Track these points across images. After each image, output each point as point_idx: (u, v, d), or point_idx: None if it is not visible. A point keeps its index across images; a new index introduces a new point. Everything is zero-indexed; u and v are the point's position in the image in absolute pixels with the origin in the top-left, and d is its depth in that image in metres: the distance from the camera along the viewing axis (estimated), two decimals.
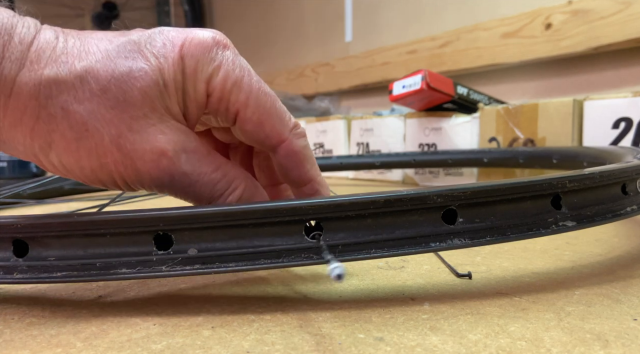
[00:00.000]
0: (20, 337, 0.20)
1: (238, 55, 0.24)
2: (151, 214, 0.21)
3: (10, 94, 0.21)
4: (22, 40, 0.21)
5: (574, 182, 0.23)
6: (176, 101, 0.23)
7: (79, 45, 0.22)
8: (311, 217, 0.21)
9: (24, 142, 0.22)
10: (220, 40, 0.24)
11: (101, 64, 0.21)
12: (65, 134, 0.21)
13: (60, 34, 0.22)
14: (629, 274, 0.27)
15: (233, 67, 0.23)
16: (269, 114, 0.24)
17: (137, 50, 0.22)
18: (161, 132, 0.22)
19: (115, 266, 0.21)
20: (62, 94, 0.21)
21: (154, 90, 0.22)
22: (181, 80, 0.23)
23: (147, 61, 0.22)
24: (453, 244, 0.22)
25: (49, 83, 0.21)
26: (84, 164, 0.22)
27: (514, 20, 0.94)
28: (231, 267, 0.21)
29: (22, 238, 0.22)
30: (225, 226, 0.21)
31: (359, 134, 0.94)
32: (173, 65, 0.22)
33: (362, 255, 0.21)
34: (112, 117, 0.21)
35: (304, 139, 0.26)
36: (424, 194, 0.21)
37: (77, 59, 0.21)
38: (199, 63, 0.23)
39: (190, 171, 0.23)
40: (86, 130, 0.21)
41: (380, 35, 1.29)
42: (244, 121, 0.24)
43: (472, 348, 0.18)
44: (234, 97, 0.24)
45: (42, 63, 0.21)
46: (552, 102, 0.63)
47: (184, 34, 0.23)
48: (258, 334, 0.20)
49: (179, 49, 0.23)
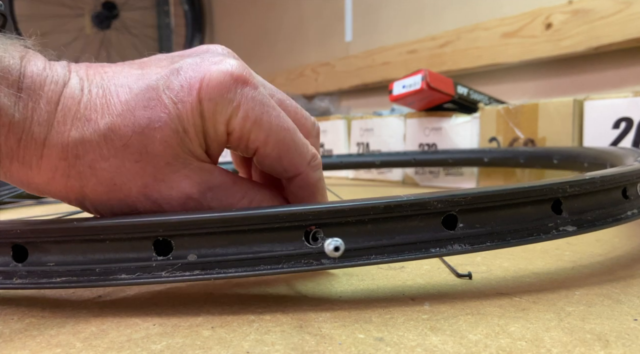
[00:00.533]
0: (20, 337, 0.20)
1: (257, 88, 0.23)
2: (151, 219, 0.21)
3: (42, 156, 0.22)
4: (49, 100, 0.21)
5: (575, 187, 0.23)
6: (198, 143, 0.23)
7: (101, 96, 0.22)
8: (311, 223, 0.21)
9: (59, 193, 0.23)
10: (240, 75, 0.23)
11: (122, 119, 0.22)
12: (95, 189, 0.22)
13: (85, 82, 0.22)
14: (630, 274, 0.27)
15: (252, 105, 0.23)
16: (288, 149, 0.24)
17: (155, 97, 0.22)
18: (185, 177, 0.23)
19: (114, 271, 0.21)
20: (88, 154, 0.22)
21: (174, 138, 0.22)
22: (200, 124, 0.23)
23: (166, 109, 0.22)
24: (453, 249, 0.22)
25: (75, 144, 0.21)
26: (116, 211, 0.23)
27: (514, 20, 0.94)
28: (231, 273, 0.21)
29: (21, 243, 0.22)
30: (225, 231, 0.21)
31: (359, 134, 0.94)
32: (192, 110, 0.22)
33: (362, 261, 0.21)
34: (137, 170, 0.22)
35: (319, 171, 0.26)
36: (424, 199, 0.21)
37: (100, 115, 0.22)
38: (218, 105, 0.23)
39: (217, 205, 0.24)
40: (114, 184, 0.22)
41: (380, 35, 1.29)
42: (263, 156, 0.24)
43: (473, 348, 0.18)
44: (254, 135, 0.23)
45: (67, 124, 0.21)
46: (552, 102, 0.63)
47: (201, 74, 0.23)
48: (258, 334, 0.20)
49: (196, 93, 0.22)
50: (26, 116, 0.21)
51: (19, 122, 0.21)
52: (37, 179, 0.22)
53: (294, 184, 0.26)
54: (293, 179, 0.25)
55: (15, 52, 0.21)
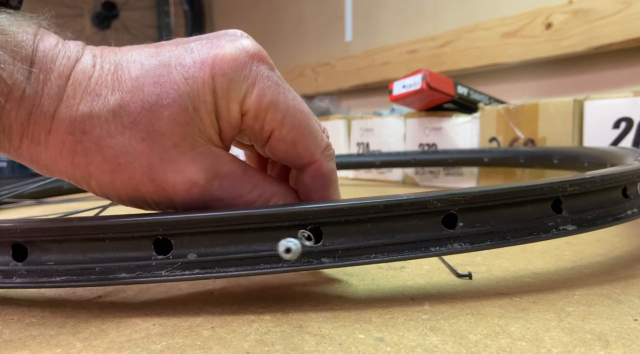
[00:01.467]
0: (20, 337, 0.20)
1: (274, 68, 0.23)
2: (151, 219, 0.21)
3: (50, 131, 0.21)
4: (61, 74, 0.21)
5: (575, 186, 0.23)
6: (210, 123, 0.22)
7: (112, 72, 0.22)
8: (310, 222, 0.21)
9: (66, 172, 0.22)
10: (256, 53, 0.22)
11: (131, 95, 0.21)
12: (100, 167, 0.22)
13: (97, 58, 0.22)
14: (630, 274, 0.27)
15: (268, 84, 0.22)
16: (304, 133, 0.23)
17: (166, 74, 0.21)
18: (192, 161, 0.22)
19: (114, 270, 0.21)
20: (95, 130, 0.21)
21: (183, 117, 0.21)
22: (212, 102, 0.22)
23: (175, 85, 0.21)
24: (453, 248, 0.22)
25: (83, 119, 0.21)
26: (121, 192, 0.23)
27: (514, 20, 0.94)
28: (231, 272, 0.21)
29: (21, 242, 0.22)
30: (225, 230, 0.21)
31: (359, 134, 0.94)
32: (203, 87, 0.21)
33: (362, 260, 0.21)
34: (143, 149, 0.21)
35: (333, 162, 0.25)
36: (424, 198, 0.21)
37: (110, 91, 0.21)
38: (232, 82, 0.22)
39: (224, 196, 0.23)
40: (119, 164, 0.22)
41: (380, 35, 1.29)
42: (278, 140, 0.23)
43: (473, 349, 0.18)
44: (270, 116, 0.23)
45: (77, 98, 0.21)
46: (552, 102, 0.63)
47: (215, 50, 0.22)
48: (258, 334, 0.20)
49: (209, 69, 0.21)
50: (37, 89, 0.21)
51: (30, 96, 0.21)
52: (45, 155, 0.22)
53: (306, 174, 0.25)
54: (306, 169, 0.24)
55: (29, 28, 0.21)
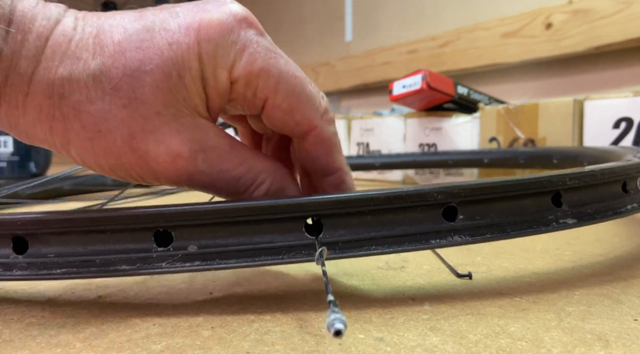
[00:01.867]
0: (20, 337, 0.20)
1: (264, 33, 0.22)
2: (151, 211, 0.21)
3: (28, 93, 0.20)
4: (39, 35, 0.20)
5: (575, 180, 0.23)
6: (196, 91, 0.21)
7: (94, 35, 0.21)
8: (311, 214, 0.21)
9: (45, 138, 0.22)
10: (244, 17, 0.21)
11: (113, 60, 0.20)
12: (79, 133, 0.21)
13: (80, 21, 0.21)
14: (630, 274, 0.27)
15: (259, 49, 0.21)
16: (300, 99, 0.22)
17: (149, 38, 0.20)
18: (176, 132, 0.21)
19: (115, 262, 0.21)
20: (74, 94, 0.20)
21: (166, 83, 0.20)
22: (198, 69, 0.21)
23: (159, 51, 0.20)
24: (453, 240, 0.22)
25: (62, 82, 0.20)
26: (101, 162, 0.22)
27: (514, 20, 0.94)
28: (231, 264, 0.21)
29: (21, 235, 0.22)
30: (226, 222, 0.21)
31: (359, 134, 0.94)
32: (188, 53, 0.20)
33: (362, 252, 0.21)
34: (124, 117, 0.20)
35: (333, 125, 0.24)
36: (425, 191, 0.21)
37: (91, 55, 0.20)
38: (218, 47, 0.21)
39: (208, 169, 0.22)
40: (98, 131, 0.21)
41: (380, 35, 1.29)
42: (272, 108, 0.22)
43: (473, 349, 0.18)
44: (263, 83, 0.21)
45: (56, 60, 0.20)
46: (552, 102, 0.63)
47: (201, 14, 0.21)
48: (258, 334, 0.20)
49: (194, 33, 0.21)
50: (14, 49, 0.20)
51: (7, 57, 0.20)
52: (23, 119, 0.21)
53: (307, 142, 0.24)
54: (306, 137, 0.24)
55: None
